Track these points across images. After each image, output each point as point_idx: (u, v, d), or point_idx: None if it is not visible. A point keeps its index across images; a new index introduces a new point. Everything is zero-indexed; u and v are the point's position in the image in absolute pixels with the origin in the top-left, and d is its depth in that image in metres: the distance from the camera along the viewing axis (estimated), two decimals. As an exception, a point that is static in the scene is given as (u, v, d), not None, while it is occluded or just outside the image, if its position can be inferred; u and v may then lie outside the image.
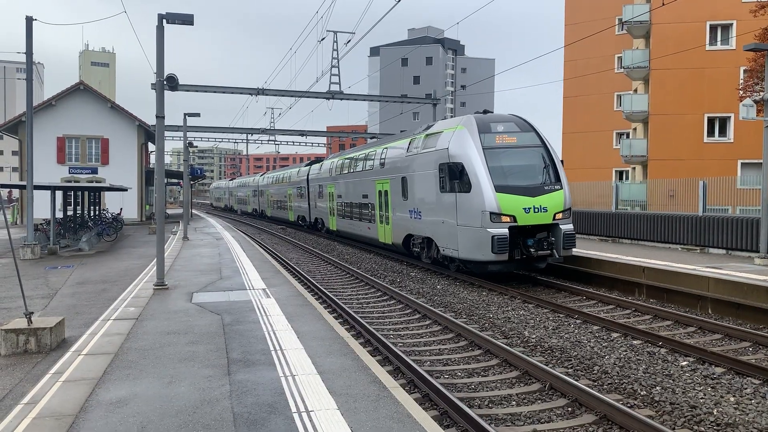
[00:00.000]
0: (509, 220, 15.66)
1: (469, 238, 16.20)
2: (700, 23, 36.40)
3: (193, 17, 13.76)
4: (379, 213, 23.71)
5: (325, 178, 32.71)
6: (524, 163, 16.69)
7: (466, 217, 16.29)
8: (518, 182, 16.15)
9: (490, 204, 15.63)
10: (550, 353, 10.15)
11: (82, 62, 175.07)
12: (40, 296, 14.48)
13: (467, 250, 16.33)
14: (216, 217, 60.41)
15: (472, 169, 16.14)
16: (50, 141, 41.20)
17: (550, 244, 15.96)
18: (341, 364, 7.73)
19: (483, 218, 15.70)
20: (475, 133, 16.68)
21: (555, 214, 16.10)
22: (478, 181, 15.91)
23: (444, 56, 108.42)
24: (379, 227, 24.01)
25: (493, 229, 15.53)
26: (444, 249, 17.79)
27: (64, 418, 6.03)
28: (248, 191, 64.28)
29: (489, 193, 15.69)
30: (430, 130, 19.53)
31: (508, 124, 17.24)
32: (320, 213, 34.57)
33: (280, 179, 47.06)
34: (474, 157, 16.24)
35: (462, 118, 17.87)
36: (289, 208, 43.96)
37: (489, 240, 15.44)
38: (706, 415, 7.25)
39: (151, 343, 8.96)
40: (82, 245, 25.29)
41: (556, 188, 16.39)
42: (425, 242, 19.67)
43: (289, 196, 43.64)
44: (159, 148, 14.57)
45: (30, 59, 22.75)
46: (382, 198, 23.12)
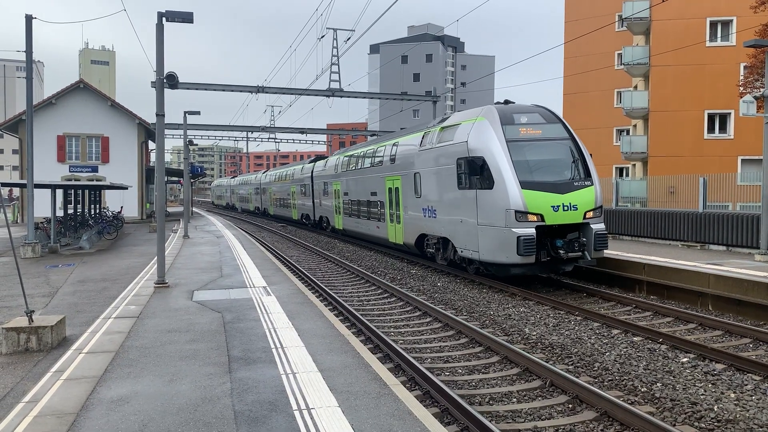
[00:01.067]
0: (536, 219, 14.51)
1: (491, 239, 15.08)
2: (700, 19, 36.36)
3: (192, 15, 13.75)
4: (390, 211, 22.66)
5: (331, 175, 31.66)
6: (551, 157, 15.48)
7: (488, 216, 15.14)
8: (545, 178, 14.97)
9: (515, 201, 14.46)
10: (550, 350, 10.16)
11: (82, 60, 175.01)
12: (40, 295, 14.48)
13: (489, 251, 15.22)
14: (217, 215, 60.42)
15: (494, 163, 14.94)
16: (50, 139, 41.19)
17: (581, 246, 14.75)
18: (342, 362, 7.74)
19: (507, 217, 14.53)
20: (498, 124, 15.47)
21: (586, 213, 14.91)
22: (502, 177, 14.71)
23: (444, 53, 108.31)
24: (389, 226, 22.98)
25: (518, 228, 14.39)
26: (462, 250, 16.66)
27: (66, 416, 6.04)
28: (250, 189, 63.38)
29: (514, 189, 14.52)
30: (446, 122, 18.35)
31: (533, 114, 16.05)
32: (325, 211, 33.63)
33: (283, 177, 46.27)
34: (496, 150, 15.03)
35: (481, 109, 16.58)
36: (292, 206, 42.99)
37: (514, 241, 14.31)
38: (706, 411, 7.26)
39: (152, 341, 8.97)
40: (83, 244, 25.29)
41: (586, 184, 15.20)
42: (441, 243, 18.52)
43: (292, 194, 42.68)
44: (159, 146, 14.57)
45: (30, 58, 22.73)
46: (393, 195, 22.06)
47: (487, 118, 15.79)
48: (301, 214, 40.11)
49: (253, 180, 61.68)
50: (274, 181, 49.90)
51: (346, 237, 30.51)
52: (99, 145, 42.84)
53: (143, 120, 43.06)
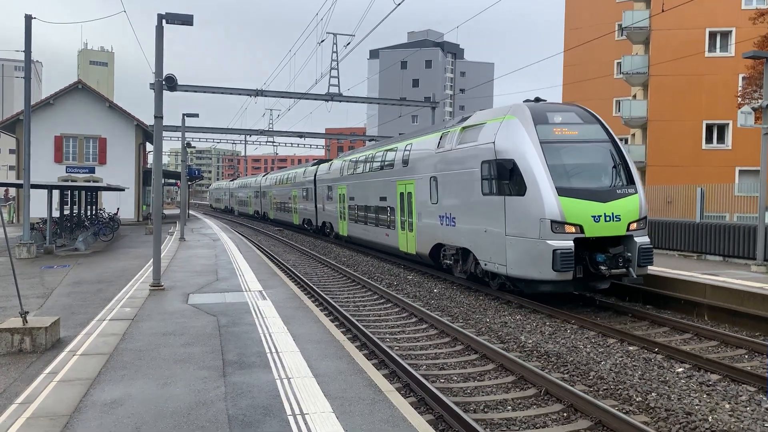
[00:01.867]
0: (575, 230, 12.99)
1: (521, 252, 13.57)
2: (700, 30, 36.52)
3: (192, 18, 13.76)
4: (401, 218, 21.13)
5: (336, 179, 30.17)
6: (590, 161, 14.07)
7: (519, 226, 13.63)
8: (585, 184, 13.52)
9: (551, 210, 12.94)
10: (546, 358, 10.14)
11: (81, 61, 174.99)
12: (35, 296, 14.43)
13: (518, 265, 13.70)
14: (214, 218, 60.32)
15: (527, 167, 13.46)
16: (48, 140, 41.13)
17: (626, 261, 13.19)
18: (337, 367, 7.72)
19: (542, 228, 13.01)
20: (530, 123, 13.99)
21: (629, 224, 13.35)
22: (536, 182, 13.24)
23: (443, 60, 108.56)
24: (400, 234, 21.43)
25: (554, 241, 12.84)
26: (486, 263, 15.11)
27: (59, 418, 6.01)
28: (249, 192, 62.12)
29: (550, 196, 13.01)
30: (468, 121, 16.80)
31: (568, 113, 14.64)
32: (329, 216, 32.26)
33: (284, 180, 44.96)
34: (529, 152, 13.56)
35: (510, 107, 15.05)
36: (293, 211, 41.66)
37: (549, 254, 12.79)
38: (701, 421, 7.25)
39: (146, 343, 8.94)
40: (79, 245, 25.24)
41: (630, 192, 13.68)
42: (460, 254, 16.98)
43: (293, 198, 41.37)
44: (157, 148, 14.55)
45: (28, 57, 22.72)
46: (405, 201, 20.58)
47: (518, 116, 14.36)
48: (303, 219, 39.06)
49: (253, 183, 60.43)
50: (275, 184, 48.73)
51: (351, 244, 29.15)
52: (96, 147, 42.79)
53: (141, 122, 43.05)
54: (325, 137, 61.56)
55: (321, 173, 33.91)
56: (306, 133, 51.21)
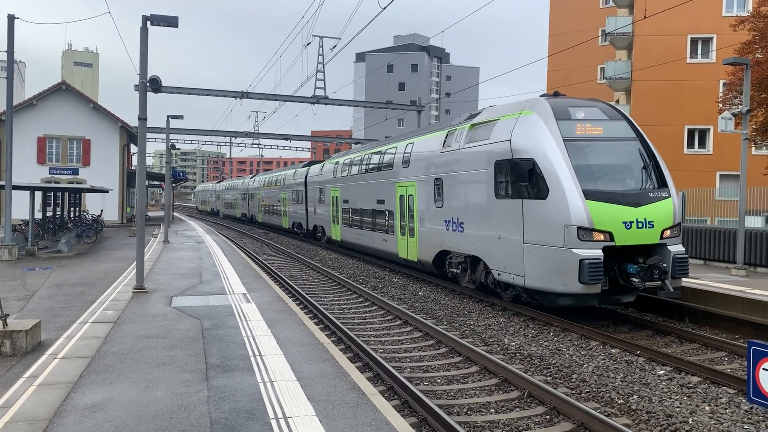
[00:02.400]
0: (604, 238, 11.80)
1: (542, 262, 12.42)
2: (682, 36, 36.94)
3: (177, 19, 13.69)
4: (400, 223, 19.98)
5: (328, 181, 28.85)
6: (618, 161, 12.97)
7: (540, 233, 12.45)
8: (614, 187, 12.39)
9: (578, 215, 11.74)
10: (529, 361, 10.20)
11: (65, 62, 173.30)
12: (16, 298, 14.27)
13: (539, 277, 12.52)
14: (199, 220, 60.01)
15: (549, 167, 12.24)
16: (30, 141, 40.72)
17: (662, 273, 11.91)
18: (320, 371, 7.71)
19: (567, 235, 11.80)
20: (551, 119, 12.83)
21: (663, 231, 12.22)
22: (560, 184, 12.02)
23: (429, 64, 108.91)
24: (399, 240, 20.24)
25: (581, 249, 11.65)
26: (499, 273, 13.92)
27: (38, 422, 5.95)
28: (237, 194, 60.66)
29: (576, 200, 11.82)
30: (478, 118, 15.59)
31: (591, 109, 13.49)
32: (320, 220, 31.04)
33: (273, 182, 43.71)
34: (551, 150, 12.36)
35: (527, 101, 13.88)
36: (283, 214, 40.35)
37: (575, 265, 11.60)
38: (681, 423, 7.33)
39: (128, 347, 8.88)
40: (61, 247, 24.99)
41: (663, 196, 12.48)
42: (468, 262, 15.79)
43: (283, 201, 40.12)
44: (141, 150, 14.46)
45: (11, 57, 22.50)
46: (405, 204, 19.44)
47: (537, 111, 13.19)
48: (293, 223, 37.90)
49: (240, 185, 59.12)
50: (264, 186, 47.47)
51: (344, 249, 27.91)
52: (80, 148, 42.43)
53: (126, 123, 42.76)
54: (311, 140, 61.46)
55: (312, 175, 32.87)
56: (292, 135, 51.13)
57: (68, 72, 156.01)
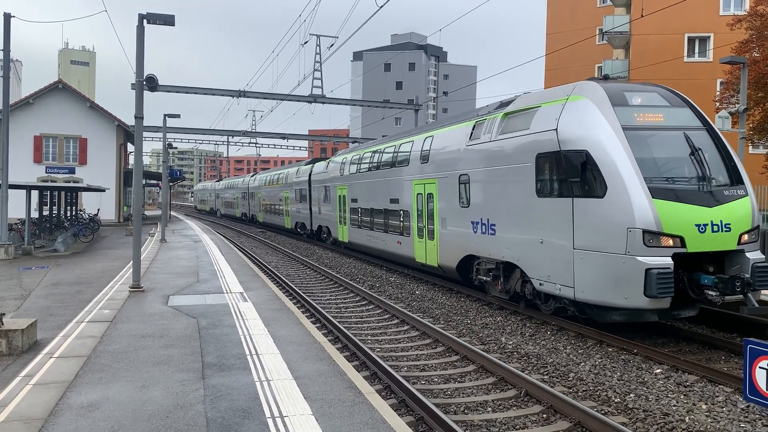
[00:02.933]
0: (673, 243, 10.20)
1: (598, 271, 10.76)
2: (679, 35, 36.99)
3: (174, 18, 13.68)
4: (418, 224, 18.33)
5: (335, 179, 27.30)
6: (685, 153, 11.10)
7: (595, 237, 10.80)
8: (682, 183, 10.80)
9: (644, 217, 10.13)
10: (526, 359, 10.20)
11: (62, 60, 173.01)
12: (13, 297, 14.24)
13: (593, 288, 10.86)
14: (196, 220, 59.93)
15: (607, 159, 10.64)
16: (27, 140, 40.62)
17: (744, 284, 10.10)
18: (317, 369, 7.70)
19: (630, 239, 10.18)
20: (607, 106, 11.22)
21: (741, 236, 10.58)
22: (621, 180, 10.42)
23: (427, 62, 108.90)
24: (416, 243, 18.56)
25: (647, 257, 10.04)
26: (542, 283, 12.22)
27: (33, 422, 5.93)
28: (236, 194, 58.86)
29: (641, 199, 10.23)
30: (512, 106, 13.87)
31: (650, 94, 11.91)
32: (326, 220, 29.41)
33: (275, 180, 42.18)
34: (609, 141, 10.77)
35: (574, 85, 12.22)
36: (285, 214, 38.82)
37: (641, 275, 10.00)
38: (678, 422, 7.33)
39: (125, 346, 8.86)
40: (58, 246, 24.94)
41: (739, 194, 10.87)
42: (501, 269, 14.01)
43: (285, 200, 38.61)
44: (138, 149, 14.44)
45: (7, 56, 22.44)
46: (424, 204, 17.83)
47: (589, 96, 11.59)
48: (296, 223, 36.35)
49: (240, 184, 57.46)
50: (265, 185, 45.75)
51: (351, 251, 26.50)
52: (77, 147, 42.34)
53: (122, 122, 42.68)
54: (309, 139, 61.48)
55: (317, 173, 31.35)
56: (289, 134, 51.11)
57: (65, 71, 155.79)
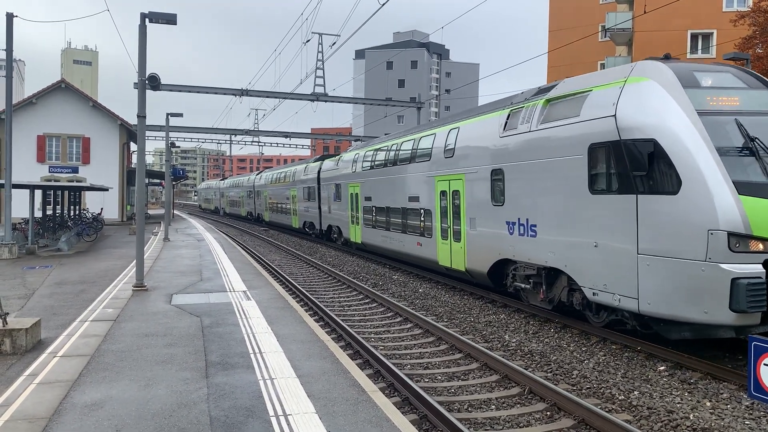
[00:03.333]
0: (764, 248, 8.83)
1: (670, 280, 9.31)
2: (682, 32, 36.86)
3: (176, 17, 13.67)
4: (441, 224, 16.84)
5: (346, 176, 25.96)
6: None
7: (666, 240, 9.35)
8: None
9: (729, 216, 8.72)
10: (530, 357, 10.19)
11: (64, 60, 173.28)
12: (16, 296, 14.26)
13: (664, 300, 9.40)
14: (200, 218, 59.99)
15: (681, 150, 9.23)
16: (30, 139, 40.69)
17: None
18: (321, 368, 7.70)
19: (712, 243, 8.76)
20: (676, 87, 9.81)
21: None
22: (699, 173, 8.99)
23: (429, 60, 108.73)
24: (440, 245, 17.04)
25: (733, 264, 8.67)
26: (596, 293, 10.72)
27: (38, 421, 5.94)
28: (241, 192, 57.59)
29: (724, 195, 8.82)
30: (555, 91, 12.33)
31: (722, 75, 10.48)
32: (336, 220, 28.08)
33: (282, 178, 40.84)
34: (684, 128, 9.37)
35: (634, 66, 10.74)
36: (292, 213, 37.58)
37: (726, 285, 8.64)
38: (682, 419, 7.31)
39: (128, 345, 8.87)
40: (61, 245, 24.98)
41: None
42: (543, 275, 12.50)
43: (292, 198, 37.38)
44: (140, 148, 14.44)
45: (10, 56, 22.47)
46: (449, 202, 16.32)
47: (654, 77, 10.11)
48: (304, 222, 35.01)
49: (246, 182, 56.18)
50: (271, 183, 44.47)
51: (365, 253, 25.03)
52: (80, 146, 42.40)
53: (125, 121, 42.72)
54: (311, 137, 61.50)
55: (326, 170, 29.97)
56: (292, 133, 51.10)
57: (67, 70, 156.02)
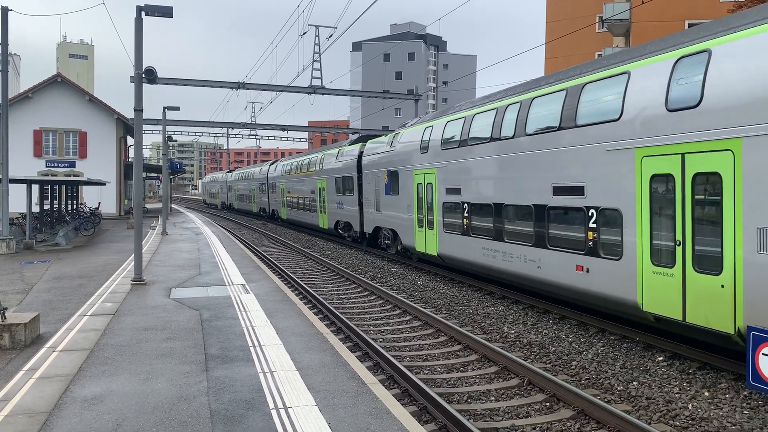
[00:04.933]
0: None
1: None
2: (679, 22, 36.77)
3: (172, 9, 13.60)
4: (642, 237, 9.62)
5: (408, 159, 19.05)
6: None
7: None
8: None
9: None
10: (528, 348, 10.21)
11: (60, 54, 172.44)
12: (15, 291, 14.24)
13: None
14: (197, 212, 59.88)
15: None
16: (26, 134, 40.56)
17: None
18: (320, 360, 7.71)
19: None
20: None
21: None
22: None
23: (426, 52, 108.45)
24: (645, 276, 9.55)
25: None
26: None
27: (38, 415, 5.94)
28: (252, 185, 51.24)
29: None
30: None
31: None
32: (389, 221, 21.27)
33: (304, 167, 33.96)
34: None
35: None
36: (319, 210, 30.98)
37: None
38: (681, 409, 7.34)
39: (127, 339, 8.87)
40: (59, 240, 24.94)
41: None
42: None
43: (319, 192, 30.85)
44: (137, 141, 14.40)
45: (5, 50, 22.35)
46: (681, 197, 8.85)
47: None
48: (336, 222, 28.56)
49: (258, 174, 49.49)
50: (289, 173, 37.61)
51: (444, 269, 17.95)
52: (76, 140, 42.26)
53: (122, 115, 42.59)
54: (308, 130, 61.30)
55: (372, 153, 23.18)
56: (289, 126, 50.94)
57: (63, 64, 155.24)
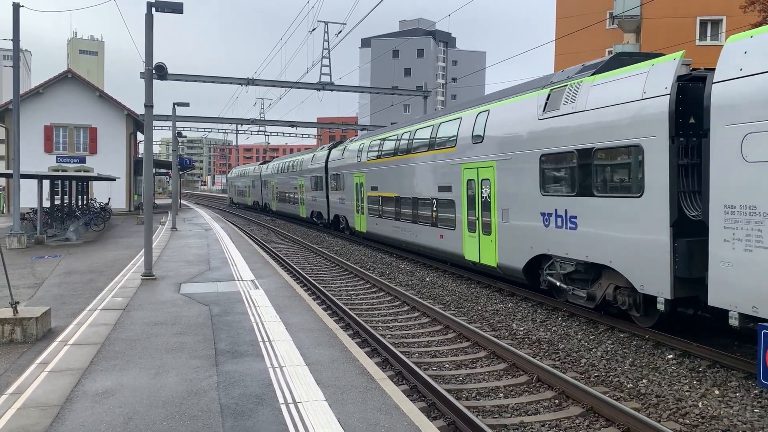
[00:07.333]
0: None
1: None
2: (691, 18, 36.52)
3: (182, 6, 13.64)
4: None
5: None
6: None
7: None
8: None
9: None
10: (537, 345, 10.19)
11: (70, 50, 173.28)
12: (26, 286, 14.34)
13: None
14: (206, 208, 60.02)
15: None
16: (37, 129, 40.77)
17: None
18: (330, 356, 7.73)
19: None
20: None
21: None
22: None
23: (435, 48, 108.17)
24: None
25: None
26: None
27: (50, 408, 5.99)
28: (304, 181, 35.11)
29: None
30: None
31: None
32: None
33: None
34: None
35: None
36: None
37: None
38: (691, 407, 7.31)
39: (138, 333, 8.92)
40: (70, 235, 25.09)
41: None
42: None
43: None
44: (147, 137, 14.47)
45: (17, 46, 22.46)
46: None
47: None
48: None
49: (309, 163, 34.24)
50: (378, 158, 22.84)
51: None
52: (87, 136, 42.46)
53: (132, 111, 42.74)
54: (317, 126, 61.41)
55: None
56: (298, 122, 51.00)
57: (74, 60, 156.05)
